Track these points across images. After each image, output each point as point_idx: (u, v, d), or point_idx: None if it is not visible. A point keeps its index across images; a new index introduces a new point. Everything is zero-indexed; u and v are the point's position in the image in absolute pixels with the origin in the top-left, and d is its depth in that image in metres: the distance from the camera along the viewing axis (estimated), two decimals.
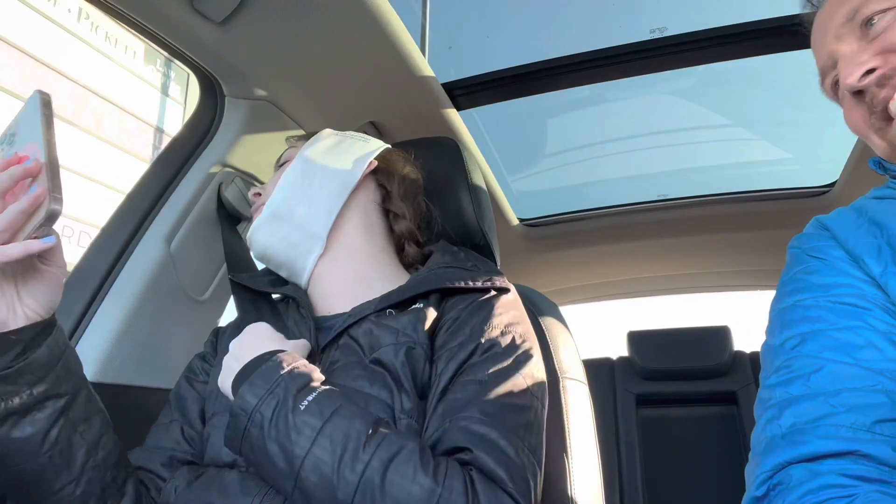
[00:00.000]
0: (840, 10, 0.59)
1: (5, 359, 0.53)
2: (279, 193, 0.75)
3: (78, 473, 0.58)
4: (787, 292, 0.60)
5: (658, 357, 2.08)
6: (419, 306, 0.67)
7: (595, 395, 0.98)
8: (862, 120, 0.59)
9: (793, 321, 0.56)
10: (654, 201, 1.69)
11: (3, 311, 0.53)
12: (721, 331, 2.08)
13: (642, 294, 2.18)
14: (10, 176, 0.51)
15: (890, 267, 0.53)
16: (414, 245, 0.80)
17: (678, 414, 2.03)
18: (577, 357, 0.93)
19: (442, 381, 0.60)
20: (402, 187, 0.82)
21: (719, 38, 1.13)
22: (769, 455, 0.49)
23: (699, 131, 1.60)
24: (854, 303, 0.53)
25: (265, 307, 0.77)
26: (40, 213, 0.51)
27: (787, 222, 1.64)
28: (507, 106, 1.34)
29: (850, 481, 0.44)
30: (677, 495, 1.92)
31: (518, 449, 0.55)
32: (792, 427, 0.49)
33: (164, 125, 6.80)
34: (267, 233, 0.75)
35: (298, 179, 0.76)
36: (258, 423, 0.53)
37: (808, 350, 0.53)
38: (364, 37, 0.94)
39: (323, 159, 0.78)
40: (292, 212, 0.75)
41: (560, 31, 1.32)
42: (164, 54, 0.86)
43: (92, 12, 5.86)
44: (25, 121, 0.55)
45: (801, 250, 0.62)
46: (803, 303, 0.57)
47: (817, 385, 0.50)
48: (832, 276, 0.56)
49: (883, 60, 0.55)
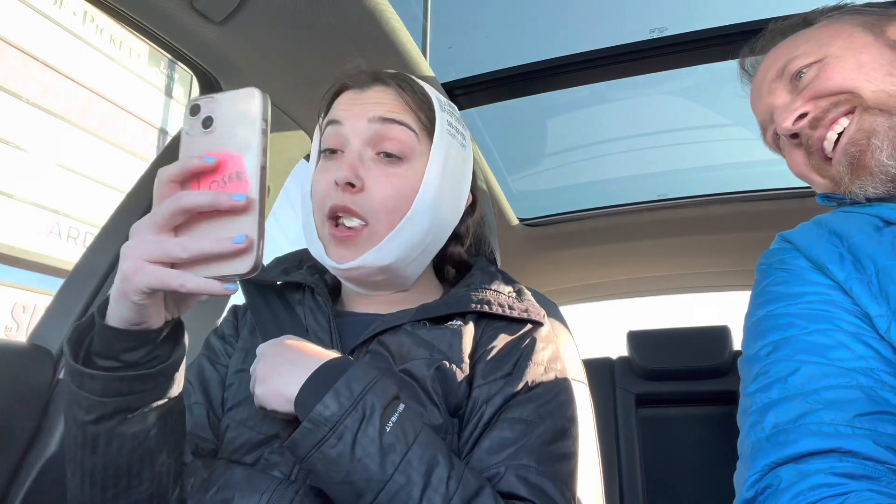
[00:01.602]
0: (772, 69, 0.69)
1: (144, 352, 0.50)
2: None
3: (157, 471, 0.54)
4: (758, 304, 0.62)
5: (658, 357, 2.08)
6: (458, 324, 0.66)
7: (595, 394, 0.98)
8: (803, 163, 0.67)
9: (766, 330, 0.58)
10: (654, 201, 1.69)
11: (154, 318, 0.49)
12: (721, 331, 2.08)
13: (642, 294, 2.18)
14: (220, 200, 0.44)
15: (853, 273, 0.55)
16: (455, 269, 0.77)
17: (678, 414, 2.03)
18: (577, 357, 0.93)
19: (486, 413, 0.60)
20: (482, 214, 0.79)
21: (719, 38, 1.13)
22: (756, 458, 0.50)
23: (699, 131, 1.60)
24: (822, 308, 0.56)
25: (275, 299, 0.72)
26: (247, 262, 0.45)
27: (786, 222, 1.63)
28: (507, 106, 1.34)
29: (839, 479, 0.45)
30: (677, 495, 1.92)
31: (568, 500, 0.58)
32: (774, 427, 0.51)
33: (167, 127, 6.81)
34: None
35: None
36: (341, 436, 0.50)
37: (782, 355, 0.55)
38: (364, 37, 0.95)
39: (457, 166, 0.71)
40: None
41: (560, 30, 1.32)
42: (164, 54, 0.87)
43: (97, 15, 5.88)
44: (233, 117, 0.46)
45: (768, 264, 0.65)
46: (774, 312, 0.59)
47: (794, 386, 0.52)
48: (799, 284, 0.59)
49: (813, 106, 0.63)
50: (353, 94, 0.68)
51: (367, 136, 0.65)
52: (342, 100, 0.69)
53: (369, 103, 0.66)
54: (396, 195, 0.64)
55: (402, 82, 0.69)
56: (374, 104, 0.66)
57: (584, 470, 0.76)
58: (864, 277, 0.54)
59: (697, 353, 2.04)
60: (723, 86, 1.44)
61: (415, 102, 0.68)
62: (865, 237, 0.56)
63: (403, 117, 0.66)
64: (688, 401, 2.03)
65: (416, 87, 0.69)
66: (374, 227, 0.64)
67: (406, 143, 0.65)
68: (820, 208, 0.70)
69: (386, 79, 0.69)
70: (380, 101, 0.66)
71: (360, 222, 0.64)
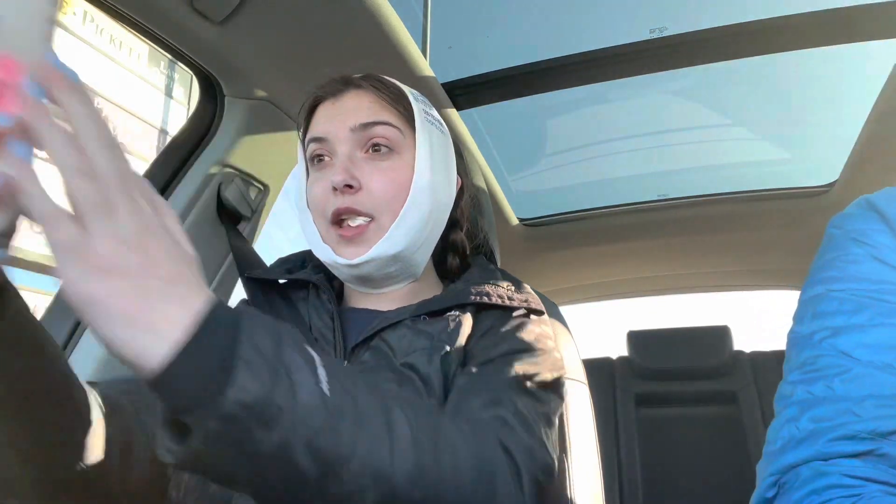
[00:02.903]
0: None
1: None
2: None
3: None
4: (822, 279, 0.54)
5: (658, 357, 2.08)
6: (456, 314, 0.66)
7: (595, 394, 0.98)
8: None
9: (825, 312, 0.51)
10: (654, 201, 1.69)
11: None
12: (721, 331, 2.08)
13: (642, 294, 2.18)
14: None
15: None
16: (458, 258, 0.77)
17: (678, 414, 2.03)
18: (577, 357, 0.93)
19: (470, 368, 0.60)
20: (471, 195, 0.79)
21: (719, 38, 1.13)
22: (784, 456, 0.48)
23: (699, 131, 1.60)
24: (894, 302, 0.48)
25: (277, 298, 0.73)
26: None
27: (787, 222, 1.64)
28: (507, 106, 1.34)
29: (856, 481, 0.43)
30: (677, 495, 1.92)
31: (534, 434, 0.55)
32: (811, 433, 0.47)
33: (168, 127, 6.82)
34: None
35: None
36: (271, 421, 0.34)
37: (838, 346, 0.49)
38: (364, 36, 0.95)
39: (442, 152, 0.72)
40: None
41: (560, 30, 1.32)
42: (164, 54, 0.87)
43: (97, 15, 5.88)
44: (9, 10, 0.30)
45: (842, 233, 0.56)
46: (839, 294, 0.51)
47: (842, 389, 0.47)
48: (875, 268, 0.51)
49: None
50: (330, 105, 0.70)
51: (352, 142, 0.67)
52: (320, 114, 0.70)
53: (347, 112, 0.68)
54: (394, 186, 0.66)
55: (374, 82, 0.70)
56: (353, 111, 0.67)
57: (584, 470, 0.76)
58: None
59: (697, 353, 2.04)
60: (723, 86, 1.44)
61: (391, 97, 0.69)
62: None
63: (383, 116, 0.68)
64: (688, 401, 2.03)
65: (389, 83, 0.71)
66: (380, 220, 0.66)
67: (392, 137, 0.67)
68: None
69: (358, 82, 0.70)
70: (358, 107, 0.68)
71: (364, 219, 0.66)
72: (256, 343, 0.35)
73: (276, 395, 0.34)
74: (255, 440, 0.34)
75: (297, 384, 0.35)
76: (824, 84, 1.39)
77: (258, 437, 0.34)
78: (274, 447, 0.34)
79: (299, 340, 0.38)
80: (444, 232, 0.74)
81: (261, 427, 0.33)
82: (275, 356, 0.35)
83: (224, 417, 0.32)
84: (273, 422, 0.34)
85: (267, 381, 0.34)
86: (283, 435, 0.34)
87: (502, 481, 0.48)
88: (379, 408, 0.41)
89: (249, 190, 1.05)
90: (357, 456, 0.38)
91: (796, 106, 1.50)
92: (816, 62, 1.25)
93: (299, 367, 0.36)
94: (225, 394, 0.32)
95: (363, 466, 0.38)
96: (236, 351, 0.33)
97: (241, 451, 0.34)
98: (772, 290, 2.08)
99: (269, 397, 0.34)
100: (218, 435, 0.33)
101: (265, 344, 0.35)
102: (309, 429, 0.35)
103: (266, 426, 0.34)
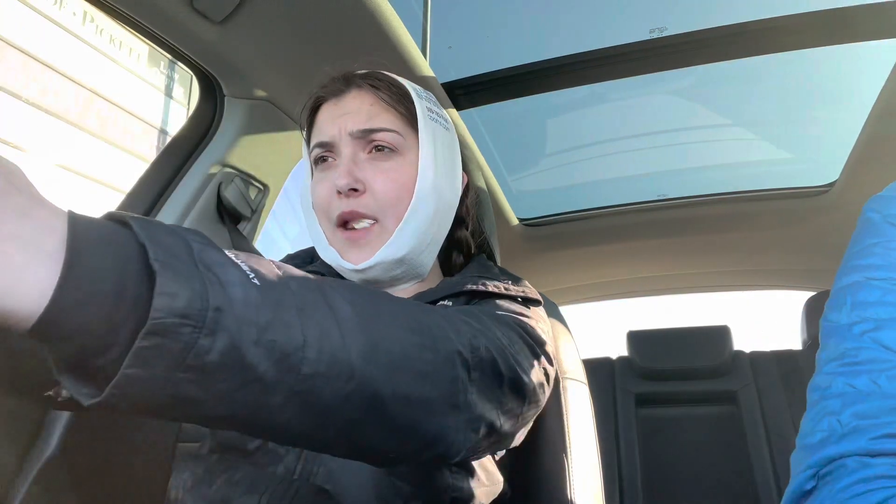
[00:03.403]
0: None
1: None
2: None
3: None
4: (860, 266, 0.51)
5: (658, 357, 2.09)
6: (447, 303, 0.66)
7: (595, 394, 0.98)
8: None
9: (866, 302, 0.49)
10: (654, 201, 1.69)
11: None
12: (721, 331, 2.08)
13: (642, 294, 2.18)
14: None
15: None
16: (463, 256, 0.77)
17: (678, 414, 2.03)
18: (577, 357, 0.93)
19: None
20: (475, 193, 0.79)
21: (719, 38, 1.13)
22: (824, 449, 0.45)
23: (699, 131, 1.60)
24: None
25: None
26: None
27: (787, 222, 1.64)
28: (507, 106, 1.34)
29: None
30: (677, 495, 1.92)
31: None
32: (854, 429, 0.44)
33: (167, 127, 6.82)
34: None
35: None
36: (214, 327, 0.30)
37: (882, 341, 0.46)
38: (364, 36, 0.95)
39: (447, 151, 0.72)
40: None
41: (560, 30, 1.32)
42: (164, 54, 0.88)
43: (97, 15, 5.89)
44: None
45: (882, 216, 0.53)
46: (882, 284, 0.48)
47: (889, 387, 0.44)
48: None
49: None
50: (332, 106, 0.70)
51: (354, 144, 0.67)
52: (323, 115, 0.71)
53: (349, 114, 0.68)
54: (398, 188, 0.66)
55: (375, 81, 0.70)
56: (354, 114, 0.68)
57: (584, 470, 0.76)
58: None
59: (697, 353, 2.04)
60: (723, 86, 1.44)
61: (392, 98, 0.69)
62: None
63: (384, 119, 0.68)
64: (688, 401, 2.03)
65: (391, 82, 0.71)
66: (384, 222, 0.66)
67: (393, 140, 0.67)
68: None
69: (359, 81, 0.70)
70: (359, 109, 0.68)
71: (369, 222, 0.66)
72: (164, 243, 0.30)
73: (210, 295, 0.30)
74: (200, 351, 0.30)
75: (227, 282, 0.32)
76: (824, 84, 1.39)
77: (203, 347, 0.30)
78: (222, 353, 0.31)
79: (204, 237, 0.34)
80: (450, 230, 0.74)
81: (204, 335, 0.30)
82: (189, 255, 0.31)
83: (157, 331, 0.28)
84: (216, 324, 0.30)
85: (196, 281, 0.30)
86: (230, 337, 0.31)
87: (445, 347, 0.45)
88: (316, 292, 0.38)
89: (249, 190, 1.05)
90: (309, 344, 0.35)
91: (796, 106, 1.50)
92: (816, 62, 1.25)
93: (220, 263, 0.32)
94: (152, 304, 0.28)
95: (319, 353, 0.35)
96: (148, 254, 0.29)
97: (184, 368, 0.30)
98: (772, 290, 2.08)
99: (204, 299, 0.30)
100: (153, 355, 0.28)
101: (173, 243, 0.31)
102: (255, 325, 0.32)
103: (211, 333, 0.30)
